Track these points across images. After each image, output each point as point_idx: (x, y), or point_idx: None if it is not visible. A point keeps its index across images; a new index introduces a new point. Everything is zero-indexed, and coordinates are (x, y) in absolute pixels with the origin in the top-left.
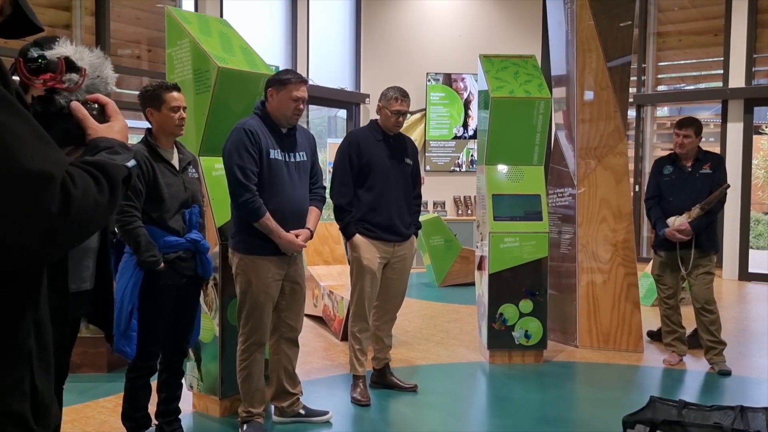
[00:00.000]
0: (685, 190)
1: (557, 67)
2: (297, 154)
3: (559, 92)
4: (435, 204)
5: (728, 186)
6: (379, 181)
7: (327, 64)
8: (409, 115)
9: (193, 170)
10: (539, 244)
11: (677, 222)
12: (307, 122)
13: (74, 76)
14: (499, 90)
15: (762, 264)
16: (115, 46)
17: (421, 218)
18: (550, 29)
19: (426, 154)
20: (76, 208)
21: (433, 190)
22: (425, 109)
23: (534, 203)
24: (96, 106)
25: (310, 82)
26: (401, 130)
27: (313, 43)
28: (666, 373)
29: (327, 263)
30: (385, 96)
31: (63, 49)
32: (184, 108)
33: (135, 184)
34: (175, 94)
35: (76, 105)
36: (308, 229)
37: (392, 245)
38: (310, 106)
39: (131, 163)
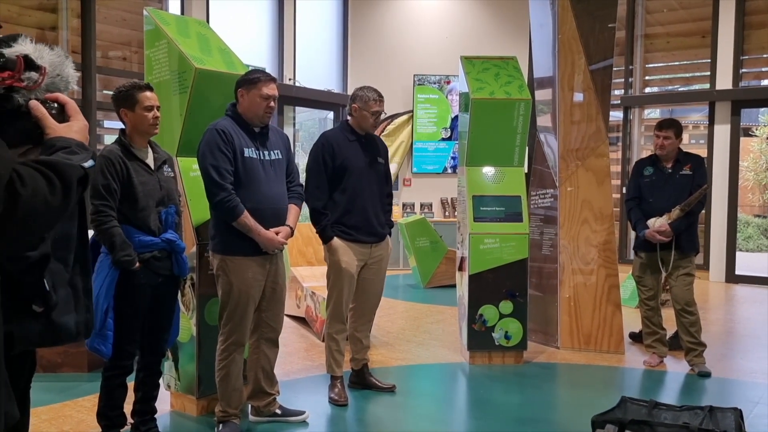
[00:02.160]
0: (665, 192)
1: (540, 69)
2: (272, 152)
3: (542, 94)
4: (422, 206)
5: (707, 187)
6: (354, 182)
7: (314, 66)
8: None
9: (169, 169)
10: (519, 246)
11: (657, 223)
12: (294, 124)
13: (33, 75)
14: (479, 91)
15: (749, 266)
16: (102, 47)
17: (407, 220)
18: (533, 31)
19: (413, 156)
20: (23, 207)
21: (420, 191)
22: (412, 111)
23: (514, 204)
24: (55, 105)
25: (297, 84)
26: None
27: (300, 44)
28: (646, 374)
29: (311, 264)
30: (361, 98)
31: (22, 47)
32: (158, 107)
33: (109, 183)
34: (148, 93)
35: (34, 104)
36: (288, 226)
37: (369, 246)
38: (298, 108)
39: (88, 163)
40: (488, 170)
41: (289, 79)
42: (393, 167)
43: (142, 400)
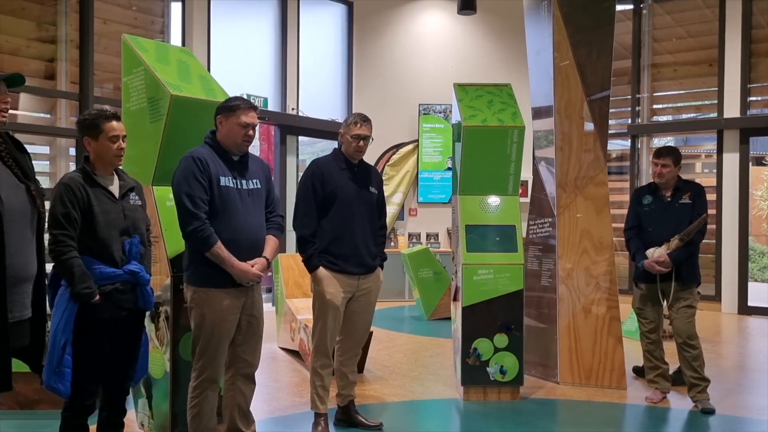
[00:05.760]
0: (664, 221)
1: (537, 96)
2: (250, 181)
3: (539, 122)
4: (428, 236)
5: (707, 216)
6: (344, 210)
7: (318, 96)
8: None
9: (136, 197)
10: (514, 276)
11: (656, 253)
12: (297, 154)
13: None
14: (471, 119)
15: (762, 297)
16: (101, 79)
17: (410, 250)
18: (529, 59)
19: (419, 185)
20: None
21: (426, 221)
22: (417, 140)
23: (509, 234)
24: None
25: (300, 114)
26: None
27: (304, 74)
28: (648, 411)
29: (307, 296)
30: (345, 122)
31: None
32: (124, 137)
33: (69, 212)
34: (114, 123)
35: None
36: (265, 257)
37: (357, 278)
38: (302, 138)
39: None
40: (482, 199)
41: (292, 109)
42: (398, 197)
43: None
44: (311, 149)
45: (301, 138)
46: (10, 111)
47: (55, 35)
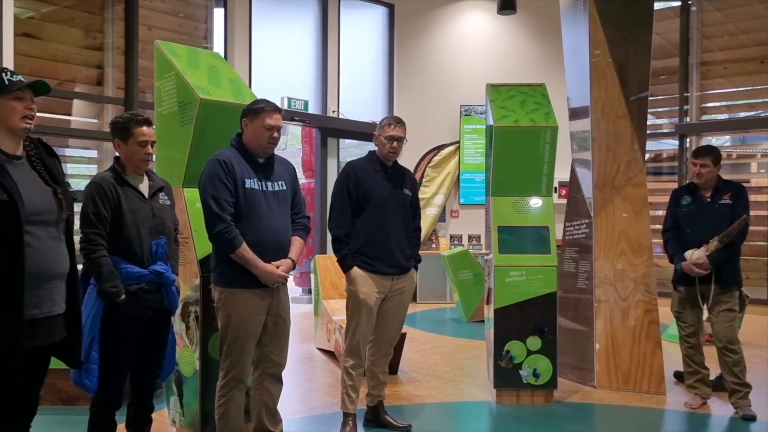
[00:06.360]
0: (703, 222)
1: (573, 97)
2: (275, 183)
3: (576, 123)
4: (470, 237)
5: (748, 217)
6: (377, 212)
7: (359, 98)
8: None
9: (165, 197)
10: (547, 278)
11: (695, 255)
12: (338, 156)
13: None
14: (503, 119)
15: None
16: (145, 84)
17: (449, 252)
18: (566, 58)
19: (461, 187)
20: None
21: (468, 223)
22: (459, 142)
23: (542, 235)
24: None
25: (341, 117)
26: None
27: (345, 76)
28: (687, 417)
29: (343, 297)
30: (379, 124)
31: None
32: (153, 143)
33: (99, 211)
34: (144, 128)
35: None
36: (290, 259)
37: (390, 278)
38: (349, 141)
39: None
40: (514, 200)
41: (333, 111)
42: (440, 198)
43: None
44: (359, 151)
45: (348, 141)
46: (64, 117)
47: (102, 42)
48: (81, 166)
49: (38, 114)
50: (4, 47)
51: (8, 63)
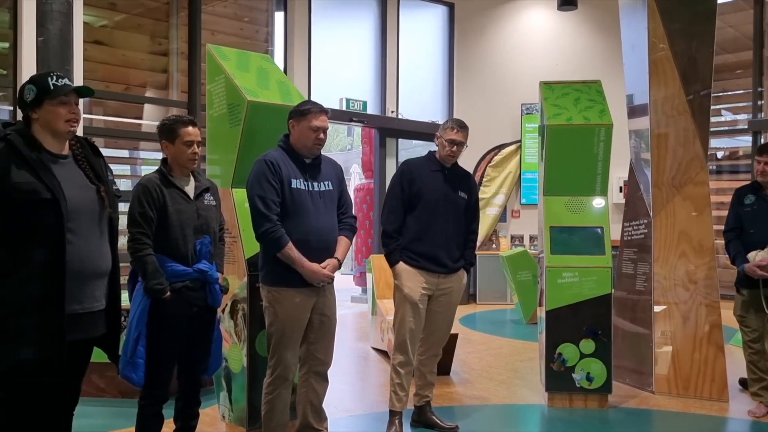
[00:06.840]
0: (767, 222)
1: (631, 93)
2: (321, 183)
3: (634, 121)
4: (531, 238)
5: None
6: (428, 211)
7: (419, 98)
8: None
9: (210, 197)
10: (601, 280)
11: (758, 257)
12: (397, 156)
13: None
14: (555, 117)
15: None
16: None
17: (508, 253)
18: (624, 53)
19: (522, 187)
20: None
21: (529, 223)
22: (520, 141)
23: (596, 236)
24: None
25: (400, 117)
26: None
27: (404, 77)
28: (749, 425)
29: None
30: (441, 126)
31: None
32: (198, 143)
33: (145, 211)
34: (190, 129)
35: None
36: (336, 258)
37: (437, 276)
38: (408, 142)
39: None
40: (568, 200)
41: (392, 111)
42: (500, 198)
43: (180, 430)
44: (425, 152)
45: (415, 141)
46: (136, 120)
47: (168, 48)
48: (152, 168)
49: (112, 118)
50: (75, 54)
51: (78, 69)
